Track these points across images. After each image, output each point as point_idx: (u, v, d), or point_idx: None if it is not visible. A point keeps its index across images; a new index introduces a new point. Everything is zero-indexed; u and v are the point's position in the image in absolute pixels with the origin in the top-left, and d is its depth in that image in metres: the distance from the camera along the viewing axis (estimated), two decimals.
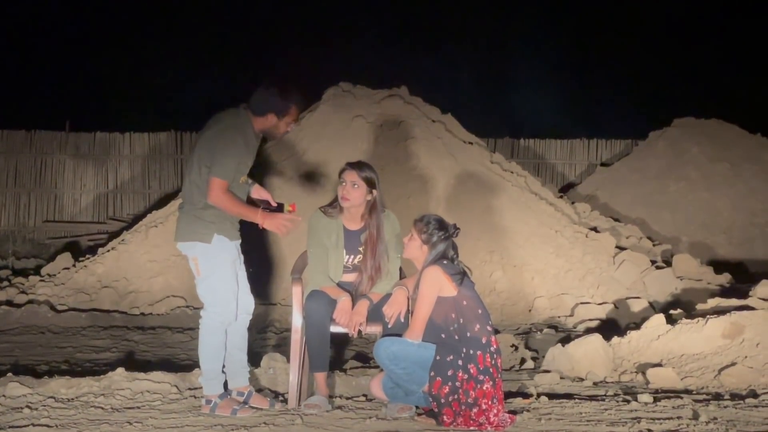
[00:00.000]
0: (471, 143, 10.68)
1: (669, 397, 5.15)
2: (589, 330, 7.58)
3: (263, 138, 4.91)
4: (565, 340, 6.89)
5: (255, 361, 5.56)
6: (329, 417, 4.68)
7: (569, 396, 5.27)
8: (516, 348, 6.98)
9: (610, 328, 7.74)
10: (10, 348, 7.08)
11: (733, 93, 19.15)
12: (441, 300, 4.58)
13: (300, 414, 4.68)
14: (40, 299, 8.82)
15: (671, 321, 6.53)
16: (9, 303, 8.74)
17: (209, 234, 4.65)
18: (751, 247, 12.44)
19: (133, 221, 12.31)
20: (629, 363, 6.11)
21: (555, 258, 9.17)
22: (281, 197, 6.01)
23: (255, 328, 7.04)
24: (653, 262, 9.61)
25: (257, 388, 5.24)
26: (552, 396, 5.22)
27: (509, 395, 5.15)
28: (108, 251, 9.55)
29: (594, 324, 8.00)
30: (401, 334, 4.66)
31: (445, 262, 4.65)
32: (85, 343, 7.29)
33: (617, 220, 11.95)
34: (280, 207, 4.86)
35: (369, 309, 4.92)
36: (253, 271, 5.26)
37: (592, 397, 5.22)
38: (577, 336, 6.78)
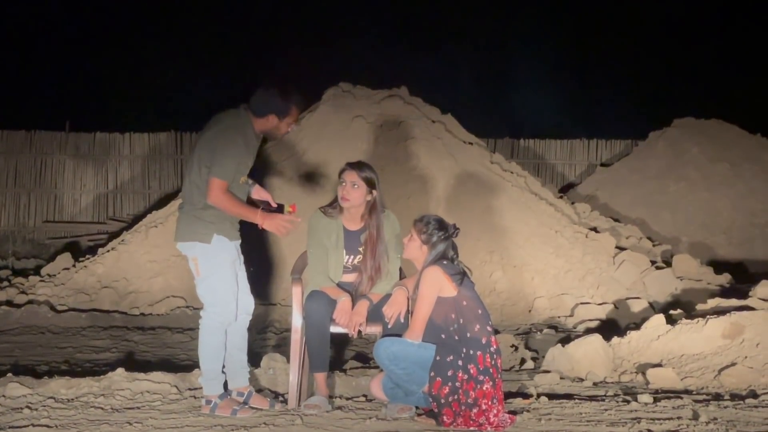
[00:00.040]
0: (471, 143, 10.68)
1: (669, 398, 5.14)
2: (589, 330, 7.58)
3: (263, 138, 4.92)
4: (565, 340, 6.89)
5: (255, 362, 5.56)
6: (329, 417, 4.67)
7: (569, 396, 5.26)
8: (516, 348, 6.98)
9: (610, 328, 7.73)
10: (10, 348, 7.07)
11: (733, 93, 19.15)
12: (441, 300, 4.58)
13: (300, 414, 4.68)
14: (40, 299, 8.81)
15: (671, 321, 6.53)
16: (9, 303, 8.73)
17: (209, 234, 4.65)
18: (751, 247, 12.44)
19: (133, 221, 12.31)
20: (629, 363, 6.10)
21: (555, 258, 9.17)
22: (281, 197, 6.01)
23: (255, 328, 7.04)
24: (653, 262, 9.60)
25: (257, 388, 5.23)
26: (552, 396, 5.21)
27: (509, 395, 5.15)
28: (108, 251, 9.55)
29: (594, 324, 8.00)
30: (401, 334, 4.65)
31: (445, 262, 4.65)
32: (85, 344, 7.29)
33: (617, 220, 11.95)
34: (280, 208, 4.85)
35: (369, 309, 4.92)
36: (254, 271, 5.26)
37: (592, 398, 5.21)
38: (577, 336, 6.77)
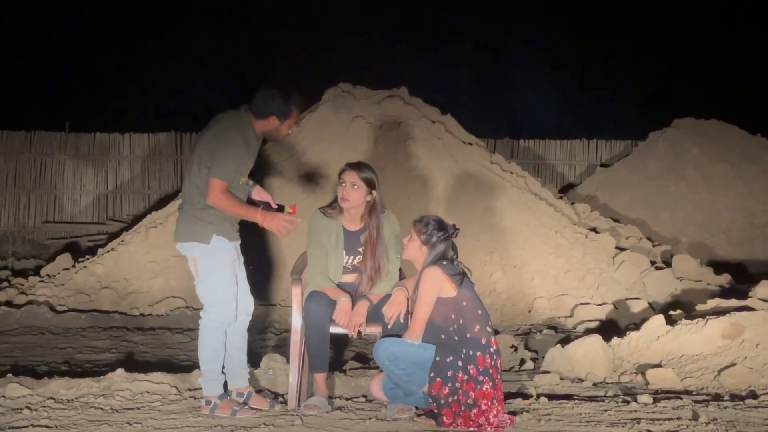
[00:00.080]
0: (471, 144, 10.67)
1: (669, 398, 5.15)
2: (589, 331, 7.57)
3: (263, 138, 4.91)
4: (565, 340, 6.89)
5: (255, 362, 5.56)
6: (329, 418, 4.67)
7: (569, 397, 5.26)
8: (516, 349, 6.98)
9: (609, 328, 7.73)
10: (9, 349, 7.07)
11: (733, 93, 19.15)
12: (441, 301, 4.58)
13: (300, 415, 4.68)
14: (39, 300, 8.81)
15: (671, 322, 6.53)
16: (9, 304, 8.73)
17: (208, 235, 4.65)
18: (751, 248, 12.44)
19: (133, 222, 12.31)
20: (629, 364, 6.10)
21: (555, 258, 9.17)
22: (281, 198, 6.02)
23: (255, 328, 7.04)
24: (653, 262, 9.60)
25: (257, 388, 5.23)
26: (552, 397, 5.21)
27: (509, 396, 5.15)
28: (108, 252, 9.55)
29: (594, 325, 7.99)
30: (401, 334, 4.65)
31: (445, 262, 4.65)
32: (85, 344, 7.28)
33: (617, 220, 11.95)
34: (280, 208, 4.85)
35: (369, 310, 4.92)
36: (253, 270, 5.26)
37: (591, 398, 5.21)
38: (577, 337, 6.77)
